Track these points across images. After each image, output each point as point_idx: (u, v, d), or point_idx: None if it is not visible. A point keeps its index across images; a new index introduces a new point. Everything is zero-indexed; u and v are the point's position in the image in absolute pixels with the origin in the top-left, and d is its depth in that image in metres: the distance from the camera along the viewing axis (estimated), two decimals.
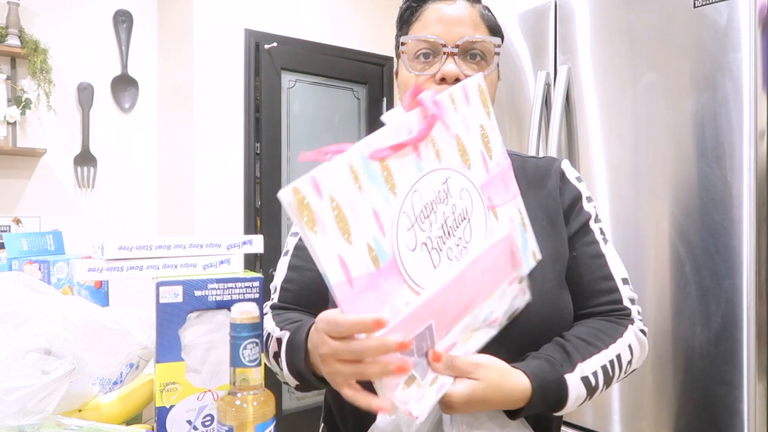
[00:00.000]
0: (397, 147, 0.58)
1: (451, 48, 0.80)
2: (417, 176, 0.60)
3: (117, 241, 0.68)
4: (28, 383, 0.59)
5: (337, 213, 0.54)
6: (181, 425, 0.67)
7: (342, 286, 0.54)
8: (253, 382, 0.57)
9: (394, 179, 0.58)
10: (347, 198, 0.55)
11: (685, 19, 1.35)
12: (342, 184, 0.55)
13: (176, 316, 0.67)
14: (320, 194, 0.53)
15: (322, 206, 0.53)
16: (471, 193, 0.65)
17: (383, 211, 0.57)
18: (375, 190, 0.57)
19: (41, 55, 2.64)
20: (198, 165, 2.63)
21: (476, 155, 0.67)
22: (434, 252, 0.61)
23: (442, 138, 0.63)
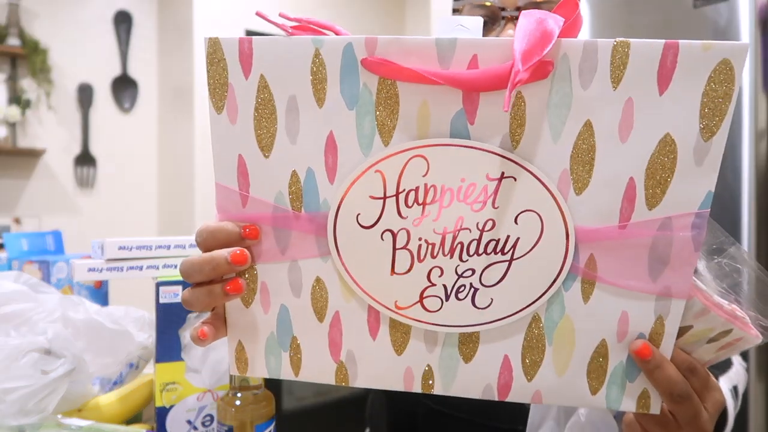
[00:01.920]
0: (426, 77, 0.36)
1: (510, 11, 0.65)
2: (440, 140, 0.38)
3: (117, 241, 0.68)
4: (28, 383, 0.59)
5: (262, 107, 0.40)
6: (181, 425, 0.67)
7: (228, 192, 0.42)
8: (253, 382, 0.57)
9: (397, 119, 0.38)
10: (289, 96, 0.39)
11: (685, 19, 1.35)
12: (290, 74, 0.39)
13: (176, 316, 0.67)
14: (248, 68, 0.39)
15: (244, 86, 0.39)
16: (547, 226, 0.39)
17: (348, 148, 0.39)
18: (349, 114, 0.39)
19: (41, 55, 2.64)
20: (198, 165, 2.62)
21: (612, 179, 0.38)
22: (403, 254, 0.41)
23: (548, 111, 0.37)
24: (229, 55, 0.39)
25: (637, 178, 0.37)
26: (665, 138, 0.36)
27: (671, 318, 0.40)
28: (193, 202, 2.63)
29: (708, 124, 0.36)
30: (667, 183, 0.37)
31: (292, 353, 0.45)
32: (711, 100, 0.36)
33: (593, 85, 0.36)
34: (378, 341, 0.43)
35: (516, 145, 0.38)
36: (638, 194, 0.38)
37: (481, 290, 0.41)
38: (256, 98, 0.40)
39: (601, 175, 0.38)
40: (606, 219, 0.38)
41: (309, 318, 0.44)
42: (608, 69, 0.36)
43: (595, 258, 0.39)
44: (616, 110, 0.36)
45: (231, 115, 0.40)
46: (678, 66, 0.35)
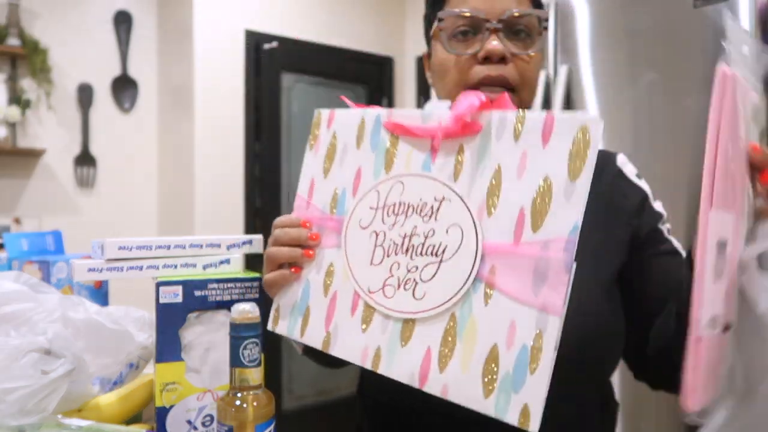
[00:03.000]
0: (412, 131, 0.56)
1: (494, 23, 0.70)
2: (414, 171, 0.56)
3: (117, 241, 0.68)
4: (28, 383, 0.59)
5: (331, 148, 0.64)
6: (181, 425, 0.67)
7: (301, 200, 0.66)
8: (253, 382, 0.57)
9: (395, 158, 0.58)
10: (344, 143, 0.63)
11: (685, 19, 1.35)
12: (348, 130, 0.62)
13: (176, 316, 0.67)
14: (329, 125, 0.64)
15: (326, 135, 0.64)
16: (466, 241, 0.51)
17: (366, 176, 0.60)
18: (370, 155, 0.60)
19: (41, 55, 2.64)
20: (198, 165, 2.63)
21: (510, 210, 0.50)
22: (379, 250, 0.57)
23: (475, 159, 0.53)
24: (323, 119, 0.65)
25: (526, 208, 0.49)
26: (545, 178, 0.49)
27: (548, 333, 0.46)
28: (193, 202, 2.63)
29: (573, 169, 0.47)
30: (545, 213, 0.48)
31: (303, 319, 0.62)
32: (575, 153, 0.47)
33: (503, 140, 0.51)
34: (353, 318, 0.58)
35: (456, 178, 0.54)
36: (526, 220, 0.49)
37: (420, 284, 0.54)
38: (329, 142, 0.64)
39: (504, 204, 0.50)
40: (505, 237, 0.50)
41: (319, 292, 0.61)
42: (512, 130, 0.51)
43: (495, 268, 0.50)
44: (515, 157, 0.50)
45: (315, 150, 0.65)
46: (555, 128, 0.49)
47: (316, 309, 0.61)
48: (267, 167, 2.78)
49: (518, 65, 0.72)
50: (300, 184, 0.66)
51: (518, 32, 0.72)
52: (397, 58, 3.22)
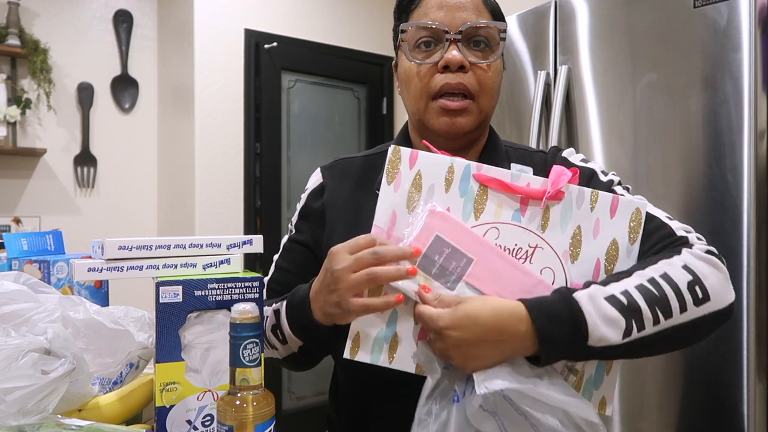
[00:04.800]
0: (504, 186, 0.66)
1: (453, 34, 0.75)
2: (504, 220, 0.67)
3: (117, 241, 0.68)
4: (28, 383, 0.59)
5: (414, 186, 0.67)
6: (181, 425, 0.67)
7: (379, 230, 0.67)
8: (253, 382, 0.57)
9: (484, 207, 0.67)
10: (431, 184, 0.67)
11: (685, 19, 1.35)
12: (435, 172, 0.67)
13: (176, 316, 0.67)
14: (412, 165, 0.67)
15: (408, 172, 0.67)
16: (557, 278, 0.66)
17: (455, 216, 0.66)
18: (458, 200, 0.67)
19: (41, 55, 2.64)
20: (198, 165, 2.63)
21: (590, 259, 0.67)
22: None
23: (561, 220, 0.67)
24: (403, 157, 0.68)
25: (601, 259, 0.68)
26: (613, 240, 0.68)
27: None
28: (193, 202, 2.63)
29: (631, 236, 0.68)
30: (614, 263, 0.68)
31: (390, 345, 0.66)
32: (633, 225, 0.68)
33: (582, 208, 0.68)
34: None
35: (544, 230, 0.67)
36: (601, 268, 0.68)
37: None
38: (412, 181, 0.67)
39: (584, 255, 0.68)
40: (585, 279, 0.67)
41: (410, 321, 0.66)
42: (589, 201, 0.68)
43: None
44: (591, 222, 0.68)
45: (395, 187, 0.68)
46: (619, 206, 0.68)
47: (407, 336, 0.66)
48: (267, 167, 2.78)
49: (477, 74, 0.77)
50: (378, 216, 0.67)
51: (477, 42, 0.77)
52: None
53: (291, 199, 2.86)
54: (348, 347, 0.66)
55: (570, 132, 1.59)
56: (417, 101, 0.79)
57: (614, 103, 1.49)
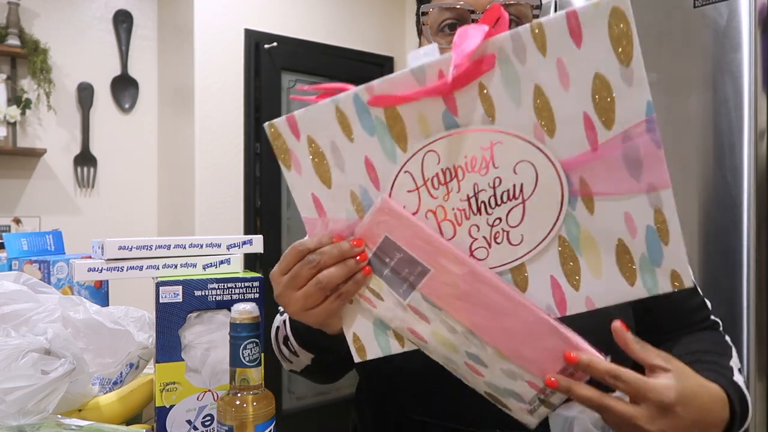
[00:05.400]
0: (410, 98, 0.49)
1: (479, 14, 0.66)
2: (438, 134, 0.51)
3: (117, 241, 0.68)
4: (28, 383, 0.59)
5: (315, 156, 0.54)
6: (181, 425, 0.67)
7: (312, 221, 0.56)
8: (253, 382, 0.57)
9: (406, 131, 0.51)
10: (330, 143, 0.53)
11: (685, 19, 1.35)
12: (324, 127, 0.53)
13: (176, 316, 0.67)
14: (297, 134, 0.54)
15: (299, 146, 0.54)
16: (539, 168, 0.50)
17: (380, 163, 0.53)
18: (371, 143, 0.52)
19: (41, 55, 2.64)
20: (198, 165, 2.62)
21: (571, 118, 0.48)
22: (446, 224, 0.53)
23: (504, 87, 0.48)
24: (283, 131, 0.54)
25: (589, 111, 0.48)
26: (596, 76, 0.47)
27: (666, 205, 0.49)
28: (194, 202, 2.63)
29: (622, 53, 0.46)
30: (612, 106, 0.47)
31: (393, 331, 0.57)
32: (617, 37, 0.45)
33: (528, 59, 0.47)
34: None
35: (493, 120, 0.49)
36: (595, 122, 0.48)
37: (511, 231, 0.52)
38: (309, 151, 0.54)
39: (562, 119, 0.48)
40: (580, 148, 0.49)
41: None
42: (534, 45, 0.47)
43: (585, 179, 0.49)
44: (552, 69, 0.47)
45: (296, 168, 0.55)
46: (582, 24, 0.46)
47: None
48: (267, 167, 2.78)
49: None
50: (300, 207, 0.56)
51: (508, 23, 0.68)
52: (397, 58, 3.22)
53: (291, 199, 2.86)
54: (353, 352, 0.59)
55: None
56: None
57: None
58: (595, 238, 0.51)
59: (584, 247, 0.51)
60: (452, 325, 0.54)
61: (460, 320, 0.54)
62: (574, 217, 0.51)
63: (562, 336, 0.51)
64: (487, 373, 0.55)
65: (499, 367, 0.54)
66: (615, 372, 0.49)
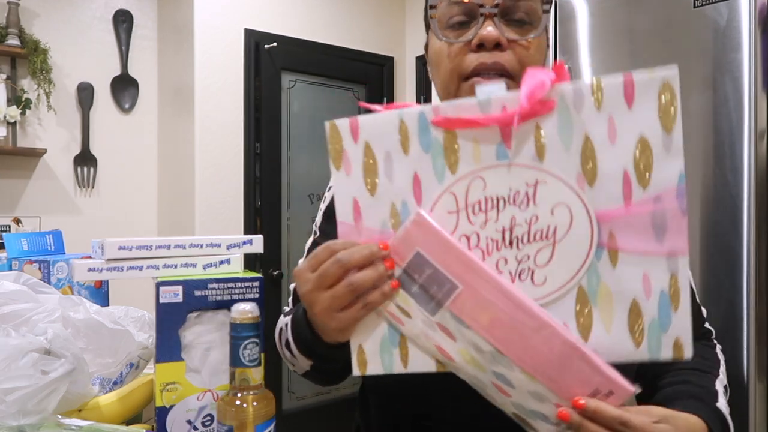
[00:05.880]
0: (474, 122, 0.52)
1: (489, 8, 0.66)
2: (488, 163, 0.53)
3: (117, 241, 0.68)
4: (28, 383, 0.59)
5: (368, 162, 0.55)
6: (181, 425, 0.67)
7: (347, 226, 0.57)
8: (253, 382, 0.57)
9: (458, 155, 0.53)
10: (386, 152, 0.55)
11: (685, 19, 1.35)
12: (386, 137, 0.55)
13: (176, 316, 0.67)
14: (356, 138, 0.56)
15: (355, 149, 0.56)
16: (576, 216, 0.52)
17: (428, 181, 0.54)
18: (425, 158, 0.54)
19: (41, 55, 2.63)
20: (198, 165, 2.62)
21: (612, 173, 0.51)
22: (477, 251, 0.54)
23: (558, 132, 0.51)
24: (342, 131, 0.56)
25: (629, 169, 0.51)
26: (641, 138, 0.50)
27: (681, 273, 0.51)
28: (194, 202, 2.63)
29: (666, 123, 0.50)
30: (650, 169, 0.50)
31: (400, 350, 0.57)
32: (664, 106, 0.49)
33: (584, 111, 0.51)
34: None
35: (542, 159, 0.52)
36: (632, 180, 0.51)
37: (537, 270, 0.53)
38: (363, 156, 0.55)
39: (603, 171, 0.51)
40: (615, 202, 0.51)
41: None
42: (591, 99, 0.51)
43: (614, 233, 0.51)
44: (603, 124, 0.51)
45: (346, 170, 0.56)
46: (636, 89, 0.50)
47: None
48: (267, 167, 2.78)
49: (517, 52, 0.68)
50: (338, 210, 0.56)
51: (516, 17, 0.68)
52: (397, 58, 3.22)
53: (291, 199, 2.86)
54: (355, 364, 0.58)
55: None
56: (447, 84, 0.71)
57: None
58: (612, 294, 0.52)
59: (600, 301, 0.52)
60: (479, 344, 0.54)
61: (487, 339, 0.53)
62: (597, 268, 0.52)
63: (590, 362, 0.51)
64: (515, 393, 0.55)
65: (527, 389, 0.54)
66: (623, 419, 0.51)
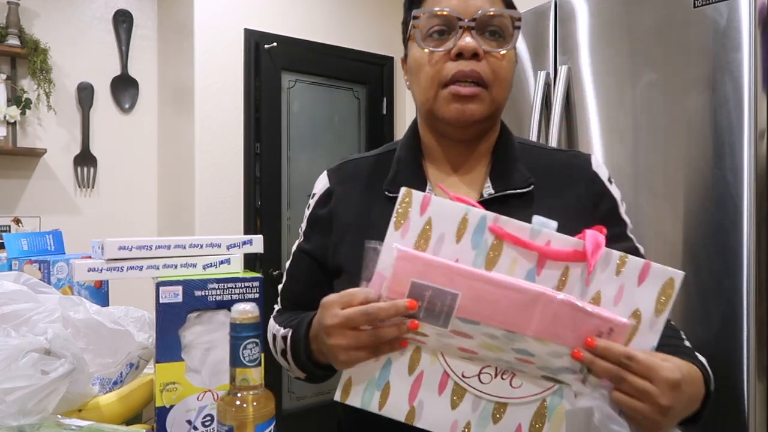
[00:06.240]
0: (522, 243, 0.61)
1: (467, 22, 0.74)
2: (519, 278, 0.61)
3: (117, 241, 0.68)
4: (28, 383, 0.59)
5: (423, 234, 0.62)
6: (181, 425, 0.67)
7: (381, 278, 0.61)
8: (253, 382, 0.57)
9: (498, 260, 0.62)
10: (441, 233, 0.62)
11: (685, 19, 1.35)
12: (447, 222, 0.62)
13: (176, 316, 0.67)
14: (423, 211, 0.62)
15: (418, 219, 0.62)
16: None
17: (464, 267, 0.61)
18: (471, 252, 0.62)
19: (41, 55, 2.64)
20: (198, 165, 2.63)
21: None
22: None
23: (580, 279, 0.61)
24: (414, 201, 0.62)
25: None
26: (636, 310, 0.61)
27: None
28: (194, 202, 2.63)
29: (659, 307, 0.61)
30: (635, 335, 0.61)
31: (382, 393, 0.64)
32: (662, 295, 0.60)
33: (606, 272, 0.61)
34: (442, 397, 0.64)
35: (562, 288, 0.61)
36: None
37: (518, 376, 0.63)
38: (422, 227, 0.62)
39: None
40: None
41: (403, 370, 0.64)
42: (615, 266, 0.61)
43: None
44: (614, 288, 0.61)
45: (403, 233, 0.62)
46: (649, 273, 0.60)
47: (400, 385, 0.64)
48: (267, 167, 2.78)
49: (491, 62, 0.75)
50: (381, 262, 0.61)
51: (491, 31, 0.76)
52: (397, 58, 3.22)
53: (291, 199, 2.86)
54: (339, 391, 0.64)
55: (570, 132, 1.59)
56: (427, 90, 0.77)
57: (614, 103, 1.49)
58: (564, 416, 0.62)
59: (554, 418, 0.63)
60: (492, 332, 0.60)
61: (496, 326, 0.60)
62: (563, 392, 0.63)
63: (585, 311, 0.59)
64: (536, 360, 0.61)
65: (544, 352, 0.60)
66: (629, 354, 0.57)
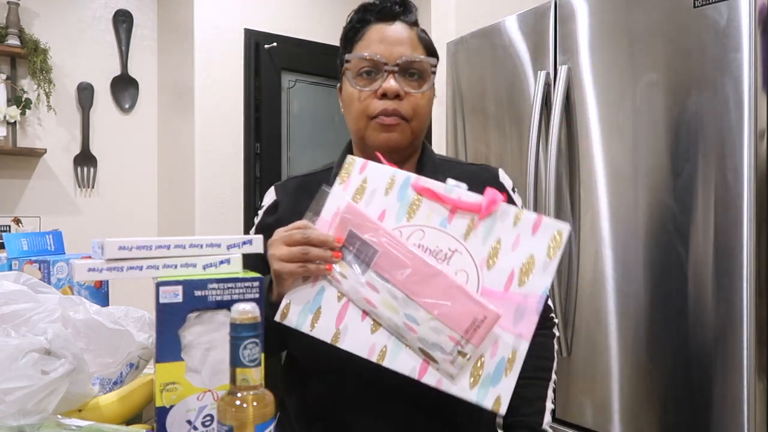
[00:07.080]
0: (437, 197, 0.74)
1: (391, 66, 0.87)
2: (433, 225, 0.73)
3: (117, 241, 0.68)
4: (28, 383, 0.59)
5: (360, 188, 0.77)
6: (181, 425, 0.67)
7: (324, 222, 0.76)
8: (253, 382, 0.57)
9: (416, 212, 0.75)
10: (374, 188, 0.77)
11: (685, 19, 1.35)
12: (379, 179, 0.77)
13: (176, 316, 0.67)
14: (362, 171, 0.78)
15: (357, 178, 0.78)
16: (470, 281, 0.71)
17: (389, 218, 0.75)
18: (396, 203, 0.75)
19: (41, 55, 2.64)
20: (198, 165, 2.63)
21: (505, 269, 0.71)
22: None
23: (483, 230, 0.72)
24: (356, 164, 0.79)
25: (516, 270, 0.71)
26: (531, 255, 0.71)
27: (520, 351, 0.69)
28: (193, 202, 2.63)
29: (550, 252, 0.70)
30: (529, 276, 0.70)
31: (314, 316, 0.75)
32: (552, 243, 0.70)
33: (505, 223, 0.72)
34: (363, 323, 0.73)
35: (466, 239, 0.73)
36: (515, 278, 0.71)
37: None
38: (359, 184, 0.78)
39: (499, 265, 0.71)
40: (498, 287, 0.71)
41: (333, 298, 0.75)
42: (513, 218, 0.72)
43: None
44: (512, 236, 0.72)
45: (344, 187, 0.78)
46: (541, 225, 0.71)
47: (329, 310, 0.74)
48: (267, 167, 2.78)
49: (411, 101, 0.89)
50: (325, 209, 0.77)
51: (412, 74, 0.89)
52: None
53: None
54: (279, 312, 0.76)
55: (570, 132, 1.59)
56: (358, 121, 0.91)
57: (614, 103, 1.49)
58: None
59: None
60: (394, 293, 0.72)
61: (400, 288, 0.72)
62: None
63: (469, 296, 0.69)
64: (419, 330, 0.70)
65: (428, 325, 0.70)
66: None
